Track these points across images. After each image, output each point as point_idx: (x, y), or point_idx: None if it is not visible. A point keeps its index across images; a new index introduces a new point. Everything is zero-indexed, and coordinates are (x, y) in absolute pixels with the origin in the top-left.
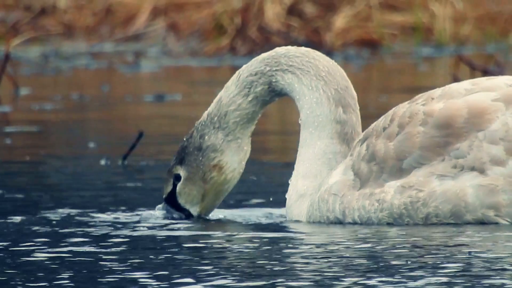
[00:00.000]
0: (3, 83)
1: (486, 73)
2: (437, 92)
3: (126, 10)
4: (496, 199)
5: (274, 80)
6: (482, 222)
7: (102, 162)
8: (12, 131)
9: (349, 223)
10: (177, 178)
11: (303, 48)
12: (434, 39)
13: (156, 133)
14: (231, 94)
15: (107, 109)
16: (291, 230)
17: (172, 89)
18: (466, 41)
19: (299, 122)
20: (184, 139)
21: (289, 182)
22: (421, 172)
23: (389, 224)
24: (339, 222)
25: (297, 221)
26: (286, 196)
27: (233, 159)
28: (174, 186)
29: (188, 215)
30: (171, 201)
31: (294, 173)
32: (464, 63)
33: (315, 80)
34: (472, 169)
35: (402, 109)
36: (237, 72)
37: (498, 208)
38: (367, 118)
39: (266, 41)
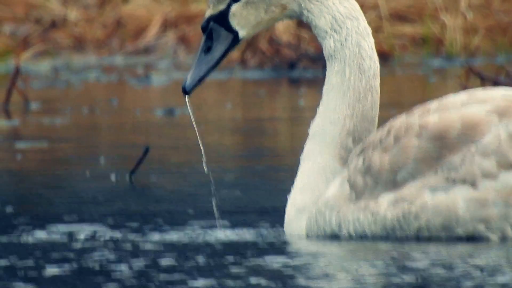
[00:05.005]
0: (13, 97)
1: (496, 84)
2: (433, 104)
3: (136, 23)
4: (487, 212)
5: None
6: (473, 237)
7: (112, 177)
8: (22, 145)
9: (345, 236)
10: None
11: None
12: (444, 50)
13: (167, 147)
14: None
15: (117, 123)
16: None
17: (183, 103)
18: (476, 52)
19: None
20: None
21: (288, 197)
22: (414, 184)
23: (382, 238)
24: (336, 235)
25: (298, 237)
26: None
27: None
28: (228, 6)
29: (235, 37)
30: (220, 20)
31: (293, 187)
32: (475, 74)
33: (346, 96)
34: (464, 182)
35: (399, 121)
36: None
37: (488, 221)
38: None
39: (276, 53)
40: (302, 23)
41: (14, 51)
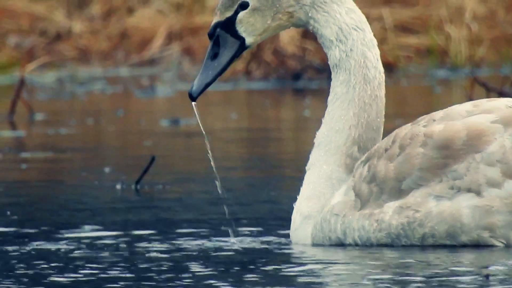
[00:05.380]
0: (19, 108)
1: (501, 94)
2: (439, 114)
3: (141, 35)
4: (491, 220)
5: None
6: (477, 244)
7: (118, 186)
8: (28, 156)
9: (350, 243)
10: (243, 6)
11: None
12: (449, 61)
13: (172, 156)
14: None
15: (122, 134)
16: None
17: (188, 114)
18: (481, 63)
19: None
20: None
21: (294, 205)
22: (419, 192)
23: (387, 245)
24: (341, 243)
25: (303, 245)
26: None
27: (304, 16)
28: (236, 13)
29: (241, 44)
30: (227, 27)
31: (299, 196)
32: (479, 84)
33: (351, 106)
34: (469, 190)
35: (404, 130)
36: None
37: (493, 229)
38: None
39: (281, 65)
40: (307, 35)
41: (19, 63)
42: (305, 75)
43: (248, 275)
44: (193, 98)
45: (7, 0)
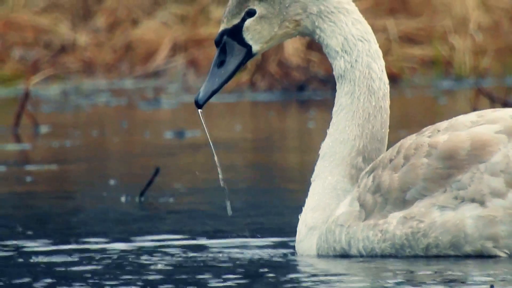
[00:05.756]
0: (23, 121)
1: (506, 105)
2: (443, 124)
3: (145, 46)
4: (495, 230)
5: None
6: (481, 255)
7: (123, 199)
8: (33, 169)
9: (354, 254)
10: (250, 13)
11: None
12: (453, 72)
13: (176, 169)
14: None
15: (127, 146)
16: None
17: (192, 125)
18: (486, 74)
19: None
20: None
21: (299, 217)
22: (423, 203)
23: (391, 256)
24: (345, 253)
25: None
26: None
27: (311, 25)
28: (243, 20)
29: (248, 52)
30: (234, 35)
31: (304, 207)
32: (484, 95)
33: (356, 117)
34: (473, 200)
35: (409, 141)
36: None
37: (496, 239)
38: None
39: (285, 76)
40: (311, 46)
41: (24, 76)
42: (309, 86)
43: (253, 286)
44: (199, 105)
45: (11, 13)
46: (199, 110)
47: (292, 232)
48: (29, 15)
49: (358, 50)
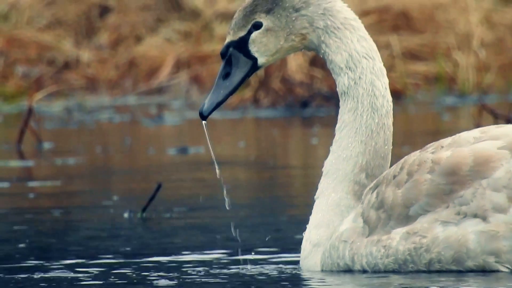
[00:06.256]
0: (26, 137)
1: (509, 121)
2: (447, 140)
3: (149, 63)
4: (497, 245)
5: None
6: (483, 270)
7: (126, 215)
8: (36, 185)
9: (358, 270)
10: (257, 26)
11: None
12: (457, 88)
13: (180, 185)
14: None
15: (130, 162)
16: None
17: (196, 142)
18: (489, 90)
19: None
20: None
21: (303, 234)
22: (426, 218)
23: (394, 271)
24: (349, 269)
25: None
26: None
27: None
28: (249, 32)
29: (253, 64)
30: (240, 47)
31: (308, 224)
32: (487, 111)
33: (358, 133)
34: (475, 216)
35: (413, 157)
36: None
37: (498, 254)
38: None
39: (289, 93)
40: (314, 62)
41: (27, 92)
42: (313, 103)
43: None
44: (203, 117)
45: (15, 30)
46: (203, 121)
47: (296, 248)
48: (32, 32)
49: (363, 67)
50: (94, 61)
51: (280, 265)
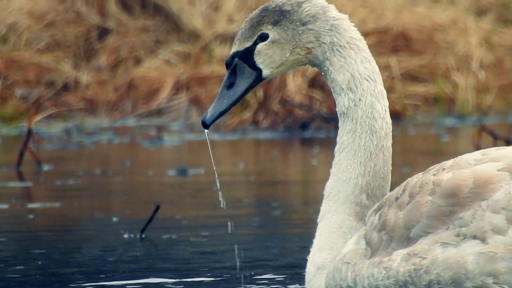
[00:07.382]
0: (26, 159)
1: (509, 142)
2: (448, 162)
3: (148, 85)
4: (495, 266)
5: (330, 75)
6: None
7: (125, 236)
8: (35, 207)
9: None
10: (263, 37)
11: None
12: (456, 110)
13: (179, 206)
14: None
15: (130, 184)
16: None
17: (195, 163)
18: (488, 111)
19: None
20: (288, 2)
21: (307, 258)
22: (427, 240)
23: None
24: None
25: None
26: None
27: (321, 54)
28: (255, 44)
29: (258, 75)
30: (245, 58)
31: (312, 248)
32: (487, 132)
33: (357, 155)
34: (474, 237)
35: (415, 179)
36: None
37: (497, 275)
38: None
39: (288, 114)
40: (314, 84)
41: (26, 114)
42: (312, 124)
43: None
44: (206, 125)
45: (13, 52)
46: (206, 130)
47: (298, 269)
48: (31, 54)
49: (363, 89)
50: (93, 83)
51: (284, 285)
